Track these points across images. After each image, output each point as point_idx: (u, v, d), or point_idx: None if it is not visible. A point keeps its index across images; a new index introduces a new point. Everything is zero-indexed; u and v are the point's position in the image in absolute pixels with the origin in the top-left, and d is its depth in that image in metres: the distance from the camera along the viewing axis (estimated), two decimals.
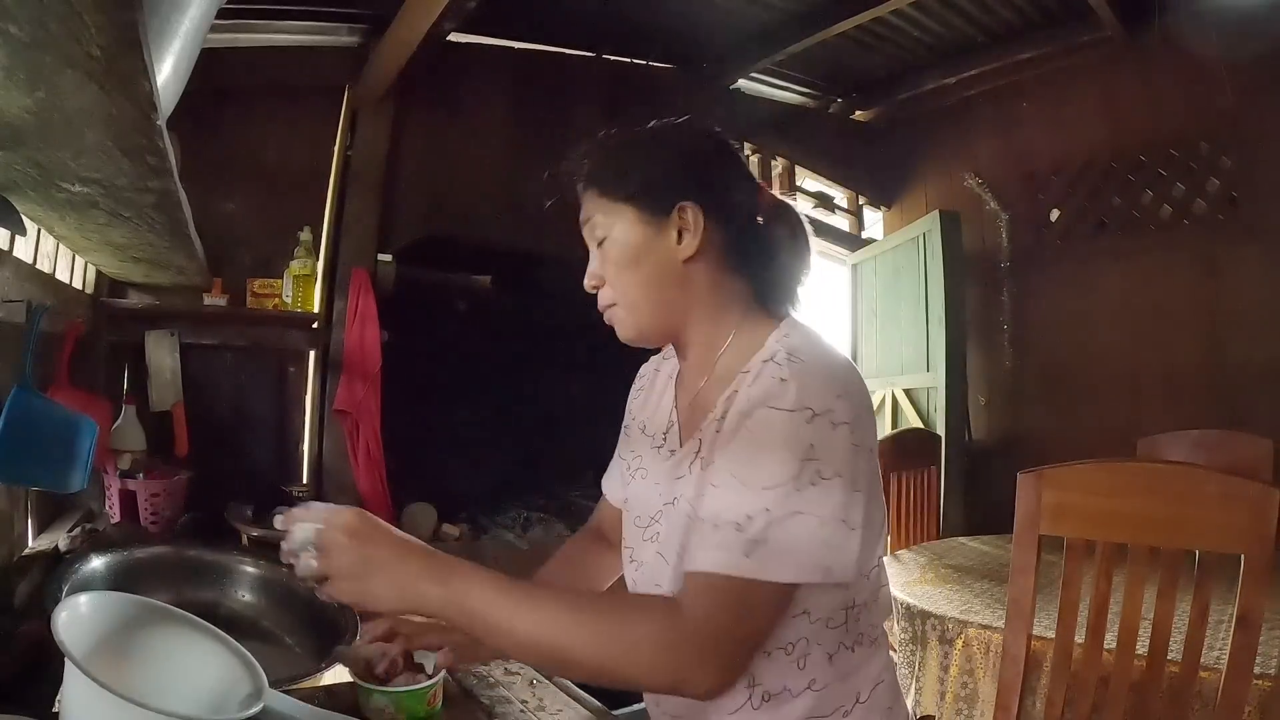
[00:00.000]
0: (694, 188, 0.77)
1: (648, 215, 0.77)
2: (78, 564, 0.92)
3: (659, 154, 0.79)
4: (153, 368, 1.91)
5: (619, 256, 0.78)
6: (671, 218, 0.76)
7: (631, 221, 0.77)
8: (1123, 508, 1.17)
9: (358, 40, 2.30)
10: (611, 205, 0.78)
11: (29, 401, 0.96)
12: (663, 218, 0.76)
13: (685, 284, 0.78)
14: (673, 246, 0.77)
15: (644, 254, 0.77)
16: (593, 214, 0.79)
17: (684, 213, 0.76)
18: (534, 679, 0.89)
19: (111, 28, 0.49)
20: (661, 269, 0.77)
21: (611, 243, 0.78)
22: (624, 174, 0.78)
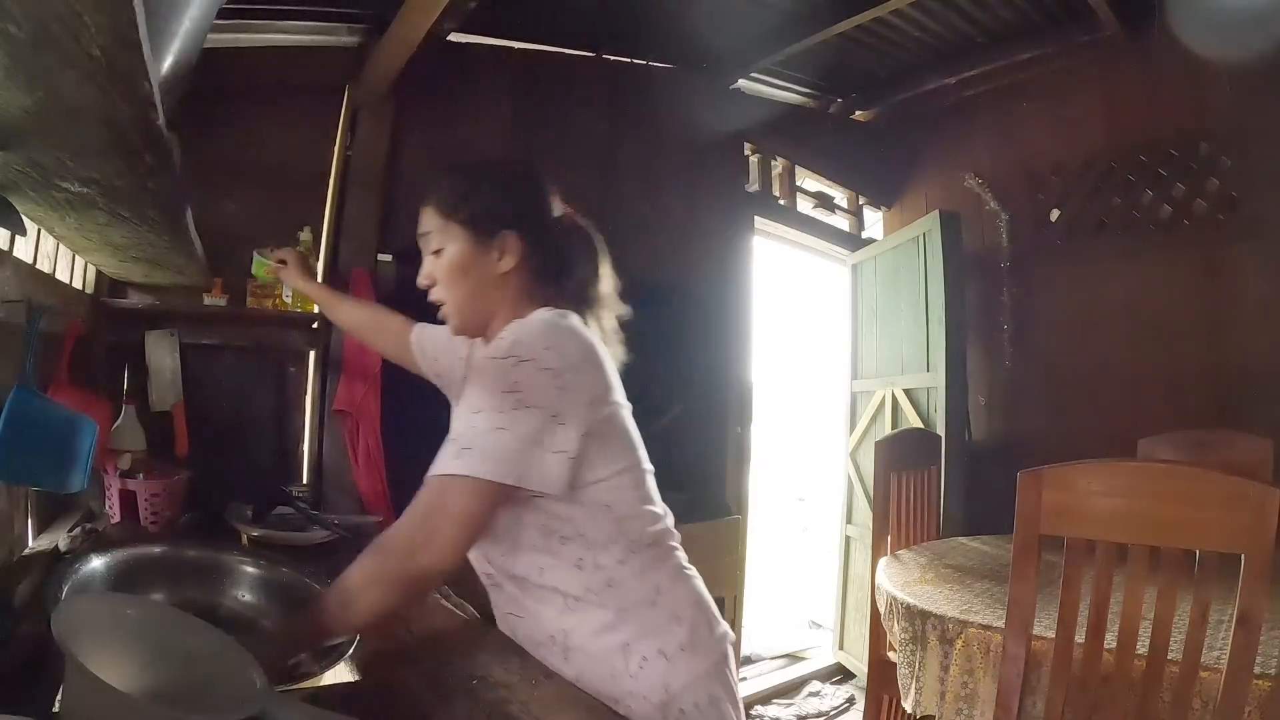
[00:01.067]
0: (514, 219, 1.00)
1: (477, 238, 0.99)
2: (78, 564, 0.93)
3: (490, 189, 1.01)
4: (153, 368, 1.90)
5: (451, 267, 0.99)
6: (495, 241, 0.99)
7: (464, 241, 0.99)
8: (1123, 508, 1.17)
9: (358, 40, 2.29)
10: (449, 225, 0.99)
11: (29, 401, 0.96)
12: (488, 241, 0.99)
13: (500, 290, 1.00)
14: (494, 263, 0.99)
15: (471, 268, 0.99)
16: (432, 229, 1.00)
17: (505, 239, 0.99)
18: (534, 679, 0.89)
19: (111, 28, 0.49)
20: (483, 280, 0.99)
21: (446, 255, 1.00)
22: (462, 202, 0.99)
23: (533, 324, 0.91)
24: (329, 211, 2.24)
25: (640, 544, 0.94)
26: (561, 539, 0.91)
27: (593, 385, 0.90)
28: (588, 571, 0.91)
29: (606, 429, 0.91)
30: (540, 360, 0.85)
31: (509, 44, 2.61)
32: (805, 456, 7.00)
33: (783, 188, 3.34)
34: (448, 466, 0.83)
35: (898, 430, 2.90)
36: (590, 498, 0.90)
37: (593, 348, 0.93)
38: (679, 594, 0.95)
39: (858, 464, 3.34)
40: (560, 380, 0.86)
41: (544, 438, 0.84)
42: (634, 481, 0.95)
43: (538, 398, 0.84)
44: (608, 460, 0.91)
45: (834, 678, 3.22)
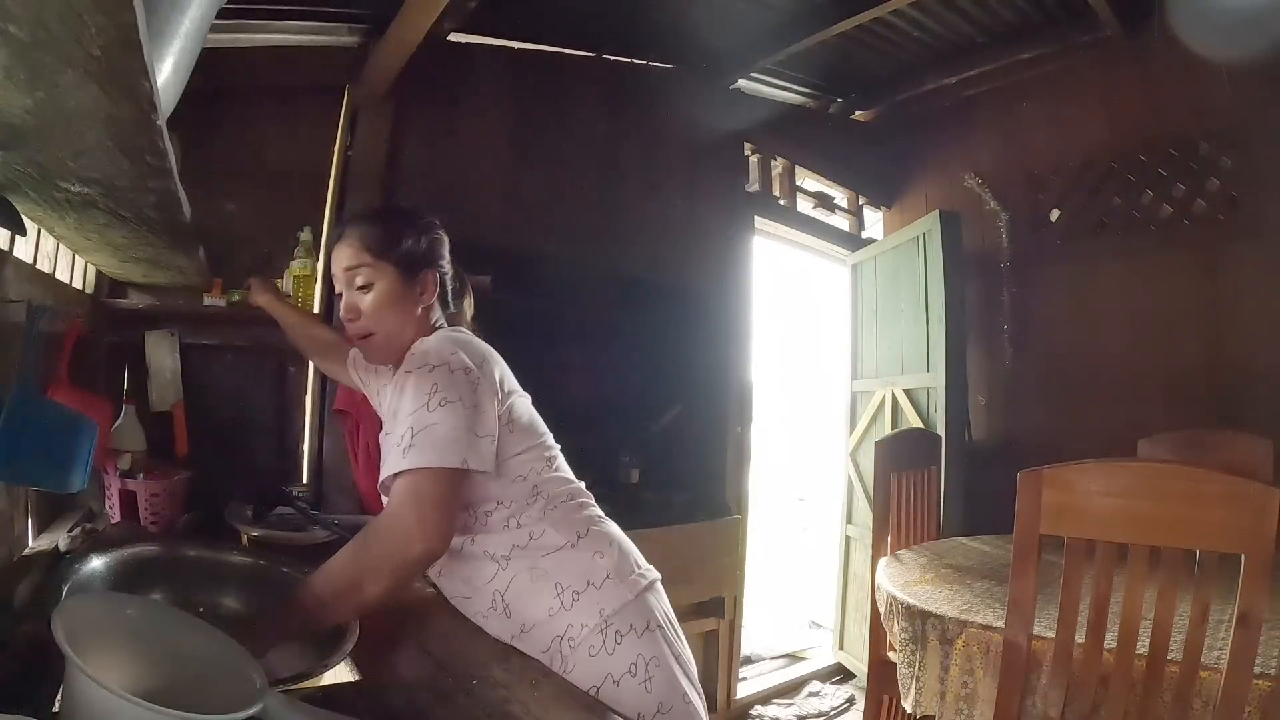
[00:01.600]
0: (431, 259, 1.15)
1: (405, 276, 1.11)
2: (78, 564, 0.93)
3: (416, 233, 1.14)
4: (153, 368, 1.90)
5: (381, 301, 1.10)
6: (419, 278, 1.13)
7: (390, 278, 1.11)
8: (1123, 508, 1.17)
9: (358, 40, 2.29)
10: (380, 264, 1.10)
11: (29, 401, 0.96)
12: (412, 277, 1.12)
13: (418, 321, 1.13)
14: (416, 297, 1.12)
15: (399, 301, 1.11)
16: (361, 264, 1.10)
17: (426, 276, 1.14)
18: (534, 679, 0.89)
19: (111, 28, 0.49)
20: (407, 312, 1.12)
21: (376, 290, 1.10)
22: (394, 242, 1.12)
23: (436, 339, 1.06)
24: (329, 211, 2.23)
25: (556, 500, 1.07)
26: (486, 511, 1.03)
27: (494, 379, 1.04)
28: (512, 530, 1.03)
29: (512, 415, 1.06)
30: (450, 363, 0.99)
31: (509, 44, 2.61)
32: (805, 456, 7.00)
33: (783, 188, 3.34)
34: (400, 463, 0.93)
35: (898, 430, 2.90)
36: (507, 471, 1.04)
37: (490, 351, 1.09)
38: (598, 535, 1.06)
39: (858, 464, 3.34)
40: (470, 377, 0.99)
41: (470, 424, 0.97)
42: (544, 455, 1.09)
43: (456, 393, 0.97)
44: (517, 439, 1.06)
45: (834, 678, 3.22)
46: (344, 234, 1.14)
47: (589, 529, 1.06)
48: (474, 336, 1.12)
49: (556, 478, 1.10)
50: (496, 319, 2.52)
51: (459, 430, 0.95)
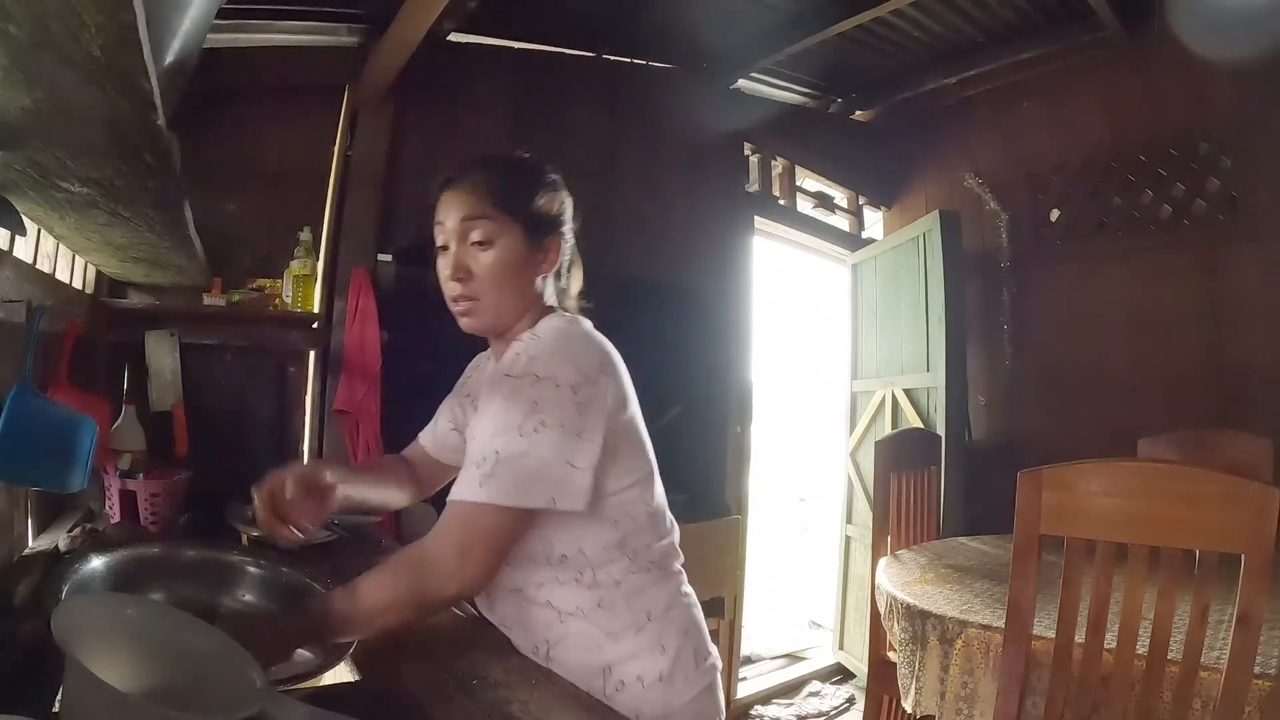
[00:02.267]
0: (558, 225, 1.00)
1: (530, 237, 0.96)
2: (78, 564, 0.93)
3: (545, 190, 0.99)
4: (153, 368, 1.90)
5: (500, 263, 0.94)
6: (544, 244, 0.97)
7: (517, 238, 0.95)
8: (1123, 508, 1.17)
9: (358, 40, 2.30)
10: (504, 218, 0.94)
11: (29, 401, 0.96)
12: (538, 242, 0.97)
13: (537, 293, 0.98)
14: (537, 266, 0.97)
15: (520, 267, 0.96)
16: (485, 215, 0.94)
17: (550, 244, 0.98)
18: (534, 679, 0.89)
19: (111, 28, 0.49)
20: (526, 282, 0.97)
21: (495, 249, 0.94)
22: (525, 198, 0.96)
23: (548, 337, 0.90)
24: (329, 211, 2.24)
25: (640, 565, 0.93)
26: (563, 555, 0.90)
27: (609, 396, 0.88)
28: (584, 588, 0.91)
29: (621, 440, 0.90)
30: (557, 376, 0.85)
31: (509, 44, 2.61)
32: (805, 456, 7.00)
33: (783, 188, 3.34)
34: (475, 493, 0.83)
35: (898, 430, 2.90)
36: (601, 512, 0.89)
37: (608, 356, 0.91)
38: (668, 622, 0.94)
39: (858, 464, 3.34)
40: (580, 395, 0.85)
41: (568, 456, 0.84)
42: (645, 494, 0.94)
43: (558, 415, 0.83)
44: (621, 472, 0.90)
45: (834, 678, 3.22)
46: (461, 179, 0.97)
47: (661, 613, 0.93)
48: (591, 330, 0.95)
49: (651, 528, 0.94)
50: None
51: (554, 463, 0.83)
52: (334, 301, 2.21)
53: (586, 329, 0.94)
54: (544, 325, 0.94)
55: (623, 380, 0.92)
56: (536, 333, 0.92)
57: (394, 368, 2.20)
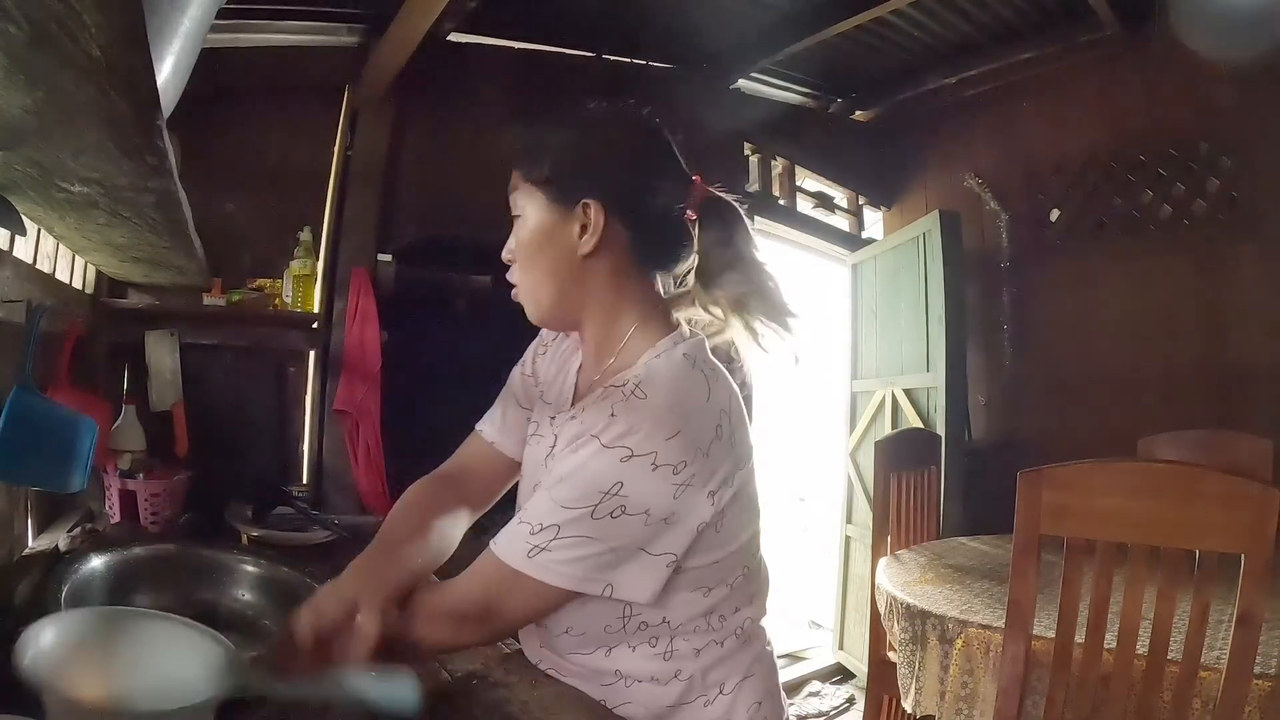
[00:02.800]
0: (601, 185, 0.78)
1: (555, 204, 0.79)
2: (78, 564, 0.93)
3: (576, 144, 0.80)
4: (153, 368, 1.90)
5: (527, 237, 0.80)
6: (575, 211, 0.78)
7: (541, 206, 0.79)
8: (1123, 508, 1.17)
9: (358, 40, 2.30)
10: (527, 185, 0.80)
11: (29, 401, 0.96)
12: (567, 209, 0.78)
13: (582, 279, 0.80)
14: (573, 240, 0.78)
15: (546, 240, 0.79)
16: (515, 188, 0.81)
17: (586, 210, 0.78)
18: (534, 679, 0.89)
19: (111, 28, 0.49)
20: (560, 259, 0.79)
21: (522, 222, 0.81)
22: (539, 158, 0.80)
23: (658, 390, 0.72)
24: (329, 211, 2.24)
25: (725, 632, 0.80)
26: (643, 624, 0.77)
27: (721, 469, 0.72)
28: (658, 658, 0.79)
29: (729, 508, 0.74)
30: (659, 454, 0.68)
31: (509, 44, 2.61)
32: (805, 456, 6.99)
33: (783, 188, 3.34)
34: (521, 562, 0.71)
35: (898, 430, 2.89)
36: (694, 581, 0.76)
37: (728, 412, 0.74)
38: (741, 694, 0.82)
39: (858, 464, 3.34)
40: (678, 476, 0.68)
41: (646, 543, 0.70)
42: (744, 559, 0.80)
43: (645, 500, 0.68)
44: (723, 541, 0.76)
45: (834, 678, 3.22)
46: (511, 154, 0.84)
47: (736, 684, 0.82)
48: (714, 373, 0.77)
49: (743, 590, 0.81)
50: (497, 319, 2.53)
51: (623, 553, 0.70)
52: (334, 301, 2.22)
53: (709, 374, 0.76)
54: (655, 363, 0.77)
55: (742, 442, 0.76)
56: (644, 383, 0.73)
57: (394, 368, 2.20)
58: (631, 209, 0.79)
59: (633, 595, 0.72)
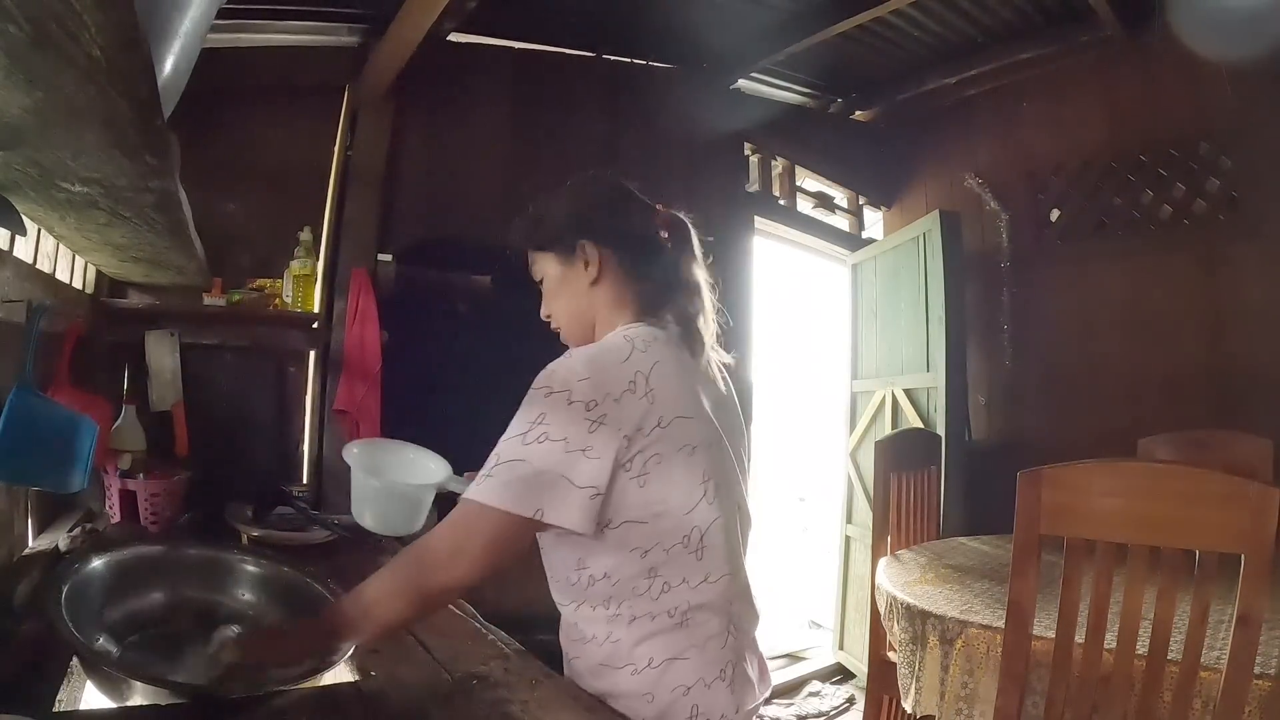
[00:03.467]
0: (589, 228, 1.01)
1: (561, 256, 1.02)
2: (78, 564, 0.92)
3: (561, 208, 1.03)
4: (153, 368, 1.91)
5: (551, 290, 1.04)
6: (577, 253, 1.00)
7: (553, 262, 1.03)
8: (1123, 508, 1.17)
9: (358, 40, 2.30)
10: (538, 254, 1.04)
11: (29, 401, 0.96)
12: (570, 255, 1.01)
13: (593, 299, 1.01)
14: (582, 274, 1.01)
15: (564, 284, 1.03)
16: (532, 263, 1.06)
17: (583, 248, 1.00)
18: (534, 679, 0.89)
19: (111, 28, 0.49)
20: (579, 293, 1.01)
21: (545, 281, 1.05)
22: (539, 228, 1.04)
23: (582, 351, 0.90)
24: (329, 211, 2.24)
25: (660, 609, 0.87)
26: (591, 577, 0.89)
27: (632, 416, 0.84)
28: (601, 623, 0.89)
29: (650, 466, 0.85)
30: (573, 392, 0.83)
31: (509, 44, 2.61)
32: (805, 456, 7.00)
33: (783, 188, 3.34)
34: (473, 491, 0.84)
35: (898, 430, 2.89)
36: (624, 538, 0.86)
37: (645, 373, 0.86)
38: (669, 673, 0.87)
39: (858, 464, 3.34)
40: (592, 413, 0.83)
41: (565, 471, 0.82)
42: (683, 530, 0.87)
43: (564, 430, 0.82)
44: (645, 500, 0.85)
45: (834, 678, 3.22)
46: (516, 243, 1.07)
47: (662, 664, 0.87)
48: (645, 347, 0.89)
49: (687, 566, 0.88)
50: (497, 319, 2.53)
51: (547, 475, 0.82)
52: (334, 301, 2.22)
53: (636, 344, 0.89)
54: (608, 340, 0.94)
55: (664, 402, 0.86)
56: (577, 350, 0.91)
57: (394, 368, 2.20)
58: (615, 239, 1.01)
59: (561, 520, 0.82)
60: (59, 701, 0.78)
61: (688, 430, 0.87)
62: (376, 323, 2.17)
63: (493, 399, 1.08)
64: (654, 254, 1.02)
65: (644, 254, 1.02)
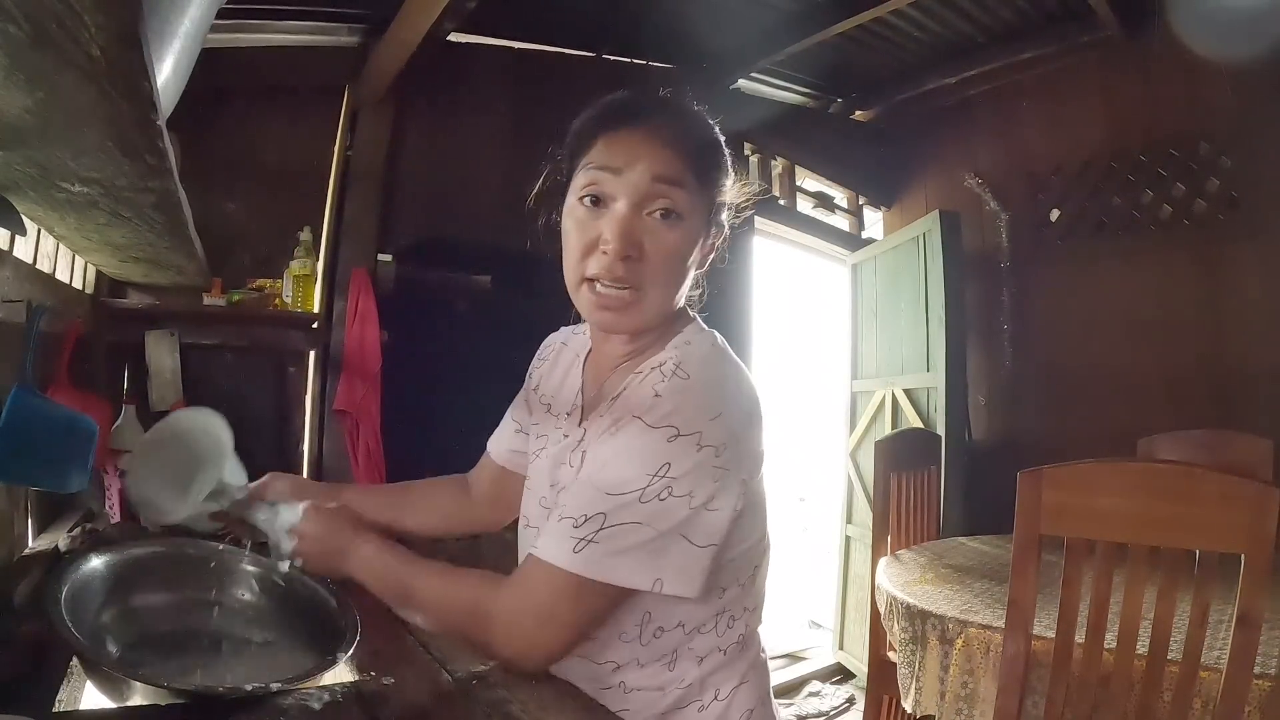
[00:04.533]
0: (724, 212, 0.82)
1: (706, 215, 0.78)
2: (78, 564, 0.92)
3: (727, 162, 0.81)
4: (153, 368, 1.91)
5: (685, 248, 0.76)
6: (710, 233, 0.80)
7: (700, 220, 0.77)
8: (1123, 508, 1.17)
9: (358, 40, 2.30)
10: (699, 193, 0.76)
11: (29, 401, 0.96)
12: (708, 229, 0.79)
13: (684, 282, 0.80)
14: (703, 259, 0.80)
15: (689, 255, 0.77)
16: (685, 183, 0.74)
17: (718, 236, 0.81)
18: (534, 679, 0.89)
19: (111, 28, 0.49)
20: (687, 274, 0.79)
21: (685, 229, 0.75)
22: (720, 178, 0.79)
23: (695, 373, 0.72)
24: (329, 211, 2.24)
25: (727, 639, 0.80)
26: (659, 629, 0.76)
27: (752, 454, 0.73)
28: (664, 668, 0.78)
29: (750, 502, 0.74)
30: (704, 435, 0.67)
31: (509, 44, 2.61)
32: (805, 456, 7.00)
33: (783, 188, 3.34)
34: (569, 560, 0.68)
35: (898, 430, 2.89)
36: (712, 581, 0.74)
37: (758, 401, 0.75)
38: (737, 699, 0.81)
39: (858, 464, 3.34)
40: (722, 459, 0.68)
41: (689, 532, 0.68)
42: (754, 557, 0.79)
43: (691, 485, 0.67)
44: (742, 537, 0.76)
45: (834, 678, 3.22)
46: (658, 117, 0.76)
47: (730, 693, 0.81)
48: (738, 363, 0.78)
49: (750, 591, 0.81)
50: (497, 319, 2.53)
51: (670, 539, 0.67)
52: (334, 301, 2.22)
53: (730, 356, 0.77)
54: (688, 348, 0.77)
55: (763, 430, 0.75)
56: (684, 363, 0.74)
57: (394, 368, 2.20)
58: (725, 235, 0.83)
59: (681, 589, 0.69)
60: (59, 701, 0.78)
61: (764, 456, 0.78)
62: (376, 323, 2.17)
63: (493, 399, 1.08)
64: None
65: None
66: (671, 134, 0.74)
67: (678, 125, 0.77)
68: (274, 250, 2.12)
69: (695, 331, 0.80)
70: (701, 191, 0.76)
